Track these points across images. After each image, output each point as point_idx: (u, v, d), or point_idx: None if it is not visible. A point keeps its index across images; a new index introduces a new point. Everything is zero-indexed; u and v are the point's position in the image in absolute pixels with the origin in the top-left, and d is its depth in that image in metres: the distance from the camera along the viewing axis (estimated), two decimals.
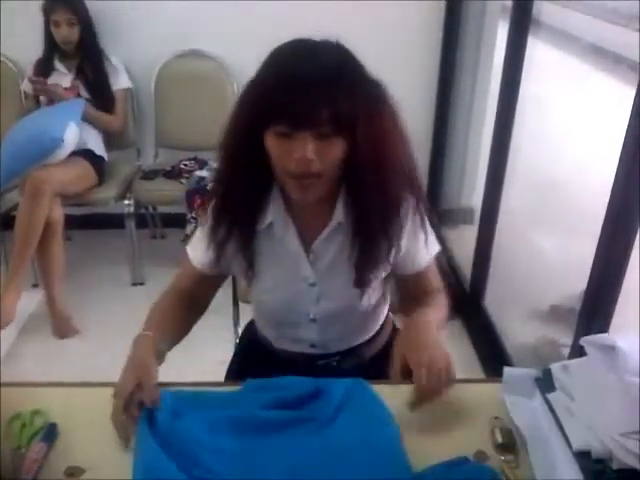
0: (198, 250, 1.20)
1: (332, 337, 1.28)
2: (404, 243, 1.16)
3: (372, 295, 1.24)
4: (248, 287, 1.27)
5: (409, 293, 1.27)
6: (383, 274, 1.21)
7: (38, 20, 2.77)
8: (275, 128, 0.98)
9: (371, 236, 1.11)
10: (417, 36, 3.08)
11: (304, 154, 0.96)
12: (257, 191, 1.11)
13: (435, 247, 1.24)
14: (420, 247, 1.20)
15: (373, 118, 1.01)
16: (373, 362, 1.34)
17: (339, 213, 1.12)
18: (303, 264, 1.16)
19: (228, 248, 1.15)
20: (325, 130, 0.97)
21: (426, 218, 1.18)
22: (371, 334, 1.34)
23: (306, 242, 1.15)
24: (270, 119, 0.98)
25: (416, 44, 3.11)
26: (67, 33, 2.75)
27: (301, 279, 1.18)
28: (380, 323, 1.36)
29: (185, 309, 1.21)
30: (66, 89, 2.78)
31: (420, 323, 1.10)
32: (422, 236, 1.19)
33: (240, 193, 1.09)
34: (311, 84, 0.95)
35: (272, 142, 1.00)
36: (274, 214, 1.13)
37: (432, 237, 1.22)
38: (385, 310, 1.38)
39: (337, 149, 0.99)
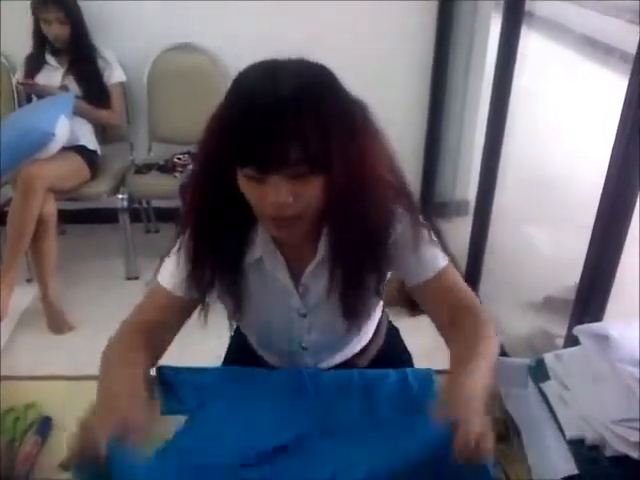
0: (171, 275, 1.07)
1: (324, 359, 1.24)
2: (398, 264, 1.07)
3: (363, 323, 1.19)
4: (235, 321, 1.20)
5: (435, 314, 1.10)
6: (375, 304, 1.17)
7: (29, 15, 2.74)
8: (244, 171, 0.89)
9: (353, 269, 1.03)
10: (410, 31, 3.07)
11: (278, 198, 0.88)
12: (241, 227, 1.03)
13: (439, 262, 1.07)
14: (419, 262, 1.06)
15: (349, 150, 0.90)
16: (370, 366, 1.29)
17: (322, 248, 1.04)
18: (293, 297, 1.12)
19: (214, 288, 1.08)
20: (299, 170, 0.88)
21: (423, 235, 1.04)
22: (365, 344, 1.30)
23: (295, 275, 1.10)
24: (237, 163, 0.90)
25: (409, 39, 3.09)
26: (58, 31, 2.73)
27: (292, 310, 1.14)
28: (374, 329, 1.32)
29: (148, 348, 1.04)
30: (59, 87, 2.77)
31: (464, 384, 0.88)
32: (418, 253, 1.05)
33: (223, 232, 1.01)
34: (278, 122, 0.84)
35: (244, 185, 0.91)
36: (263, 248, 1.06)
37: (433, 252, 1.06)
38: (379, 314, 1.31)
39: (315, 188, 0.90)
